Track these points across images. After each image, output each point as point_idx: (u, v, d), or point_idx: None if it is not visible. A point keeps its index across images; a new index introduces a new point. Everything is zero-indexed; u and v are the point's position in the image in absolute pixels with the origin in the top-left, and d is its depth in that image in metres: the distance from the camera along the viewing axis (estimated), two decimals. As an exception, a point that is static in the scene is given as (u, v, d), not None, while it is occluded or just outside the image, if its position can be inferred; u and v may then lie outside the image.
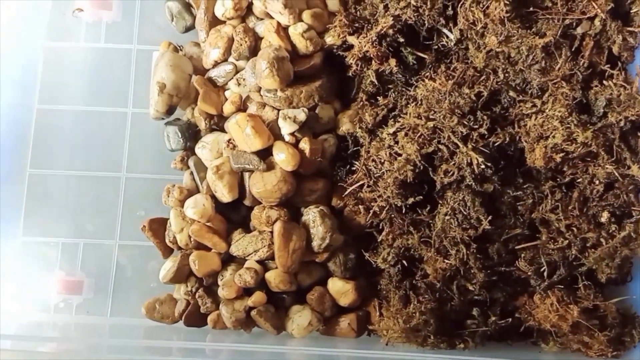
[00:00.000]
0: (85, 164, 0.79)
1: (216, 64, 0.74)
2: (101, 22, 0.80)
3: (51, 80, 0.80)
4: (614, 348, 0.64)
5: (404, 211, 0.67)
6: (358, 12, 0.71)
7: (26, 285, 0.76)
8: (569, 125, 0.61)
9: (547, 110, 0.62)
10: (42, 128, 0.79)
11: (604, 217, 0.63)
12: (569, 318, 0.60)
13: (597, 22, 0.63)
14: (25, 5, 0.80)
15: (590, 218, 0.64)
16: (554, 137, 0.61)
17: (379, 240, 0.68)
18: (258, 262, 0.70)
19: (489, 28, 0.64)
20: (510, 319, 0.65)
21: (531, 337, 0.65)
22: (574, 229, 0.63)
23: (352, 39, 0.69)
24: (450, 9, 0.66)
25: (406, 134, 0.65)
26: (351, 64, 0.69)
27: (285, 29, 0.70)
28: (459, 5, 0.65)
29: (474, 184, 0.63)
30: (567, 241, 0.62)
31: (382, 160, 0.66)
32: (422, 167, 0.64)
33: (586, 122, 0.62)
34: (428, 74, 0.68)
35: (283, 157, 0.68)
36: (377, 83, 0.69)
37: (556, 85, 0.62)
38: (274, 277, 0.68)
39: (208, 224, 0.70)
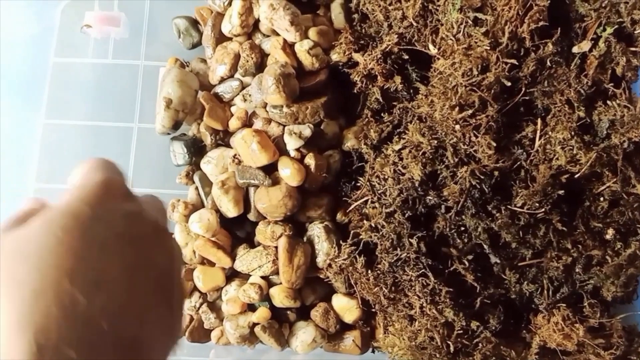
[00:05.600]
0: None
1: (222, 80, 0.75)
2: (109, 39, 0.81)
3: (58, 95, 0.81)
4: (620, 366, 0.64)
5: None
6: (363, 30, 0.71)
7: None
8: (571, 148, 0.61)
9: (550, 133, 0.62)
10: (49, 143, 0.80)
11: (609, 234, 0.63)
12: (574, 337, 0.60)
13: (601, 43, 0.63)
14: (34, 22, 0.81)
15: (595, 235, 0.64)
16: (557, 159, 0.61)
17: (383, 256, 0.68)
18: (262, 277, 0.70)
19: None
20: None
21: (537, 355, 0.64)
22: (579, 246, 0.63)
23: (357, 56, 0.69)
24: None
25: (410, 152, 0.65)
26: (356, 80, 0.69)
27: (292, 45, 0.71)
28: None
29: (473, 207, 0.63)
30: (572, 258, 0.62)
31: (386, 177, 0.67)
32: (425, 190, 0.64)
33: (590, 142, 0.62)
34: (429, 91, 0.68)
35: (288, 173, 0.68)
36: (382, 100, 0.69)
37: (559, 108, 0.62)
38: (278, 293, 0.69)
39: (213, 238, 0.70)
